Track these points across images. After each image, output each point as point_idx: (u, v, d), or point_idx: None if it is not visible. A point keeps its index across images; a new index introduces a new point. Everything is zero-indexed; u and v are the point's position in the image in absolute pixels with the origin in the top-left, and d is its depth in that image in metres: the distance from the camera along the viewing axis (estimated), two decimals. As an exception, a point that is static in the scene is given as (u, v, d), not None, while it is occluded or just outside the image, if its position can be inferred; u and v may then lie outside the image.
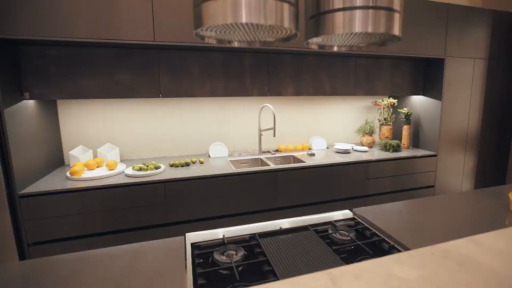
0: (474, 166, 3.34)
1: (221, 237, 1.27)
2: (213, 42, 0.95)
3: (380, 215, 1.40)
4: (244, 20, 0.70)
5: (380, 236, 1.22)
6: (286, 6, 0.77)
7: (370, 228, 1.29)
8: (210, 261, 1.11)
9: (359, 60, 2.97)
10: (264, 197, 2.42)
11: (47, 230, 1.92)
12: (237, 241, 1.24)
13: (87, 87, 2.14)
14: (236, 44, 1.00)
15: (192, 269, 1.03)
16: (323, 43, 1.04)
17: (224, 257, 1.10)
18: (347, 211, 1.50)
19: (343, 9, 0.84)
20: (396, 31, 0.87)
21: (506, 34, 3.22)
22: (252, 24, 0.74)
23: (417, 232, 1.21)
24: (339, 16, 0.84)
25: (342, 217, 1.43)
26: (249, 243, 1.20)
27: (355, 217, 1.43)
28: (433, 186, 3.12)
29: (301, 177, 2.51)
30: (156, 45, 2.13)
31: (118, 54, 2.19)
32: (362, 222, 1.36)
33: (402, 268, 0.70)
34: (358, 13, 0.83)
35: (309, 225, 1.34)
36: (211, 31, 0.84)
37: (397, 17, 0.87)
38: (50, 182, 2.03)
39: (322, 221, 1.39)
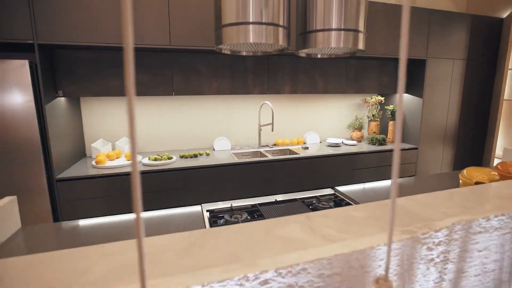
0: (452, 158, 3.68)
1: (230, 206, 1.60)
2: (227, 52, 1.27)
3: (355, 191, 1.72)
4: (251, 41, 1.03)
5: (350, 203, 1.55)
6: (280, 29, 1.09)
7: (346, 199, 1.62)
8: (221, 222, 1.44)
9: (349, 61, 3.30)
10: (262, 184, 2.74)
11: (78, 211, 2.24)
12: (242, 208, 1.57)
13: (110, 86, 2.46)
14: (244, 53, 1.32)
15: (209, 226, 1.35)
16: (309, 53, 1.36)
17: (232, 218, 1.42)
18: (329, 189, 1.83)
19: (322, 30, 1.16)
20: (361, 46, 1.20)
21: (484, 37, 3.55)
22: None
23: (377, 199, 1.54)
24: (319, 35, 1.17)
25: (325, 193, 1.76)
26: (251, 209, 1.53)
27: (335, 193, 1.76)
28: (414, 176, 3.45)
29: (295, 167, 2.83)
30: (171, 49, 2.45)
31: (137, 57, 2.51)
32: (340, 196, 1.69)
33: (355, 212, 1.03)
34: (333, 33, 1.16)
35: (299, 198, 1.67)
36: (227, 45, 1.16)
37: (361, 36, 1.19)
38: (79, 170, 2.34)
39: (309, 196, 1.72)
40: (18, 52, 2.37)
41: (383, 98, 3.72)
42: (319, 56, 1.43)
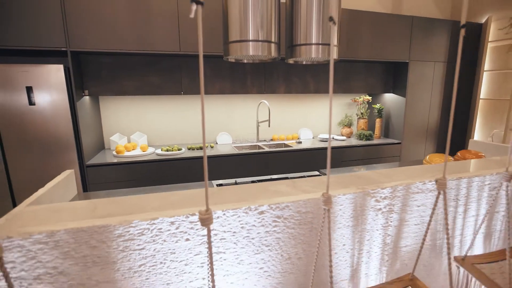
0: (433, 152, 4.08)
1: (234, 181, 2.00)
2: (232, 60, 1.67)
3: (337, 172, 2.13)
4: (251, 53, 1.43)
5: (335, 181, 1.96)
6: (272, 44, 1.49)
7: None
8: (228, 193, 1.84)
9: (339, 64, 3.70)
10: (260, 172, 3.14)
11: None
12: (244, 182, 1.97)
13: (127, 86, 2.86)
14: (245, 61, 1.72)
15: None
16: (296, 60, 1.76)
17: (237, 191, 1.82)
18: (315, 171, 2.23)
19: (305, 44, 1.57)
20: (336, 56, 1.60)
21: (464, 41, 3.96)
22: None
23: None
24: (302, 48, 1.57)
25: (311, 174, 2.17)
26: (251, 183, 1.93)
27: (320, 174, 2.16)
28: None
29: (288, 158, 3.23)
30: (180, 54, 2.85)
31: (151, 61, 2.91)
32: (323, 175, 2.09)
33: (330, 178, 1.43)
34: (313, 47, 1.56)
35: (290, 177, 2.07)
36: (232, 57, 1.56)
37: (336, 49, 1.60)
38: (103, 158, 2.74)
39: (298, 175, 2.12)
40: (46, 57, 2.76)
41: (371, 97, 4.13)
42: (304, 62, 1.84)
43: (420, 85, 3.83)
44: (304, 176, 2.05)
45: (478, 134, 4.11)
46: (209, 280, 1.10)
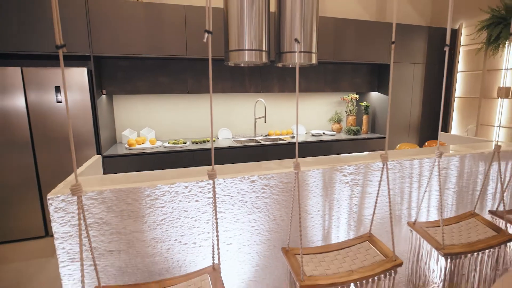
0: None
1: (233, 168, 2.33)
2: (232, 65, 2.00)
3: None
4: (246, 60, 1.76)
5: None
6: (263, 52, 1.82)
7: (314, 163, 2.35)
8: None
9: (327, 66, 4.03)
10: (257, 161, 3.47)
11: (117, 179, 2.96)
12: (242, 169, 2.30)
13: (139, 86, 3.19)
14: (242, 65, 2.05)
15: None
16: (283, 65, 2.09)
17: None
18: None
19: (290, 52, 1.90)
20: (314, 61, 1.94)
21: (440, 44, 4.29)
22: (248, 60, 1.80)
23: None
24: (288, 55, 1.90)
25: (301, 160, 2.50)
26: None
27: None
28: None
29: (282, 150, 3.56)
30: (187, 58, 3.17)
31: (160, 64, 3.23)
32: (310, 161, 2.42)
33: (309, 160, 1.76)
34: (296, 54, 1.89)
35: (281, 163, 2.40)
36: (232, 62, 1.89)
37: (314, 55, 1.93)
38: (117, 150, 3.07)
39: (289, 162, 2.45)
40: (69, 60, 3.08)
41: (358, 96, 4.46)
42: (290, 66, 2.17)
43: (402, 84, 4.15)
44: (292, 162, 2.39)
45: (455, 128, 4.44)
46: (213, 229, 1.43)
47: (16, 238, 2.79)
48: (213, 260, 1.33)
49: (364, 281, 1.31)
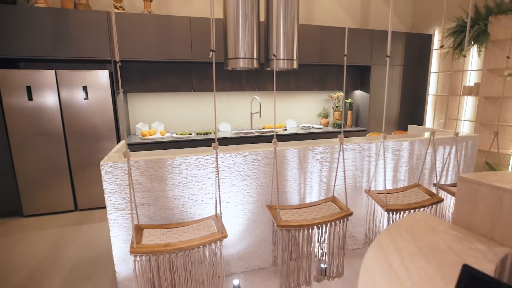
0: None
1: (231, 152, 2.83)
2: (230, 69, 2.50)
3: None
4: (241, 65, 2.26)
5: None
6: (254, 60, 2.32)
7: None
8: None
9: (315, 67, 4.52)
10: (253, 151, 3.97)
11: (133, 164, 3.45)
12: (238, 153, 2.79)
13: (152, 85, 3.68)
14: (238, 69, 2.55)
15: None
16: (272, 69, 2.58)
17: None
18: (291, 145, 3.06)
19: (276, 59, 2.39)
20: (295, 66, 2.43)
21: (416, 48, 4.78)
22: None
23: (315, 148, 2.78)
24: (274, 61, 2.40)
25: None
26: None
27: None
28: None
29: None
30: (192, 61, 3.66)
31: (170, 66, 3.72)
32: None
33: (292, 146, 2.26)
34: (280, 61, 2.39)
35: (271, 149, 2.90)
36: (230, 68, 2.39)
37: (295, 61, 2.43)
38: (132, 140, 3.56)
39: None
40: (92, 63, 3.56)
41: (343, 94, 4.94)
42: (278, 69, 2.66)
43: (381, 84, 4.64)
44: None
45: (430, 122, 4.93)
46: (216, 189, 1.93)
47: (52, 211, 3.29)
48: (216, 211, 1.83)
49: (323, 225, 1.81)
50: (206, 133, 4.04)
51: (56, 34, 3.02)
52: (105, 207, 3.47)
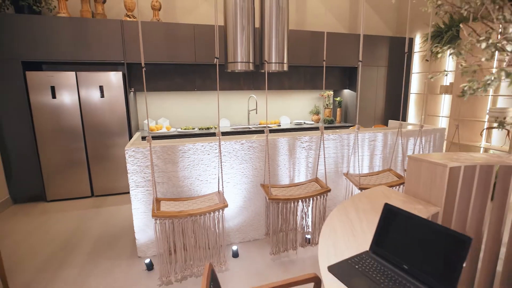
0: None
1: (231, 143, 3.19)
2: (229, 71, 2.86)
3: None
4: (239, 68, 2.63)
5: (290, 141, 3.16)
6: (250, 63, 2.69)
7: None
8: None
9: (307, 69, 4.88)
10: (251, 145, 4.34)
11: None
12: (237, 144, 3.16)
13: (159, 85, 4.04)
14: (236, 71, 2.92)
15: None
16: (265, 71, 2.95)
17: (232, 146, 3.02)
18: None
19: (268, 62, 2.76)
20: (286, 68, 2.81)
21: (400, 51, 5.15)
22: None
23: (304, 139, 3.15)
24: (266, 65, 2.77)
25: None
26: (241, 144, 3.13)
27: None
28: (352, 143, 5.05)
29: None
30: (195, 64, 4.02)
31: (175, 68, 4.08)
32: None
33: (279, 133, 2.63)
34: (272, 64, 2.76)
35: (265, 140, 3.27)
36: (230, 70, 2.76)
37: (285, 65, 2.80)
38: (142, 134, 3.92)
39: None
40: (106, 65, 3.92)
41: (333, 92, 5.31)
42: (270, 71, 3.03)
43: (368, 83, 5.01)
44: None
45: (412, 118, 5.31)
46: (219, 169, 2.30)
47: (71, 196, 3.65)
48: (218, 188, 2.20)
49: (306, 199, 2.18)
50: (208, 128, 4.40)
51: (76, 40, 3.37)
52: (118, 194, 3.83)
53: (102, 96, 3.52)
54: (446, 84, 4.60)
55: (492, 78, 1.39)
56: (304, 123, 5.07)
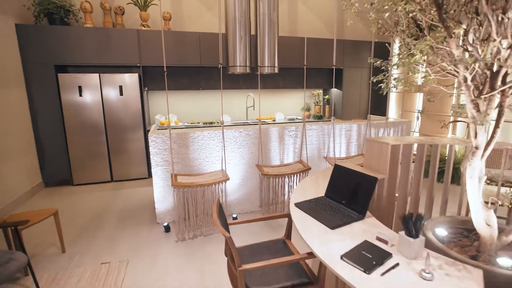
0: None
1: (231, 134, 3.70)
2: (230, 73, 3.36)
3: (285, 129, 3.85)
4: (238, 71, 3.13)
5: (281, 132, 3.67)
6: (247, 67, 3.19)
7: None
8: (228, 137, 3.54)
9: (298, 70, 5.38)
10: (248, 137, 4.85)
11: (156, 146, 4.31)
12: (236, 134, 3.67)
13: (169, 85, 4.54)
14: (236, 73, 3.42)
15: (224, 137, 3.46)
16: (261, 73, 3.46)
17: (232, 136, 3.53)
18: (275, 129, 3.94)
19: (262, 66, 3.27)
20: (276, 70, 3.31)
21: (381, 53, 5.65)
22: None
23: (293, 130, 3.66)
24: (260, 68, 3.28)
25: (273, 130, 3.88)
26: (240, 134, 3.63)
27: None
28: (338, 136, 5.56)
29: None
30: (201, 66, 4.52)
31: (183, 70, 4.58)
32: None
33: (270, 125, 3.14)
34: (265, 68, 3.27)
35: (260, 132, 3.78)
36: (230, 73, 3.26)
37: (276, 68, 3.30)
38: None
39: (265, 131, 3.83)
40: (122, 68, 4.41)
41: (322, 91, 5.82)
42: (264, 73, 3.53)
43: (352, 83, 5.51)
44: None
45: (393, 113, 5.82)
46: (223, 151, 2.81)
47: (94, 181, 4.16)
48: (222, 167, 2.71)
49: (291, 175, 2.69)
50: (211, 123, 4.90)
51: (100, 46, 3.87)
52: (134, 179, 4.34)
53: (121, 94, 4.02)
54: (419, 83, 5.10)
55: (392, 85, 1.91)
56: (297, 118, 5.56)
